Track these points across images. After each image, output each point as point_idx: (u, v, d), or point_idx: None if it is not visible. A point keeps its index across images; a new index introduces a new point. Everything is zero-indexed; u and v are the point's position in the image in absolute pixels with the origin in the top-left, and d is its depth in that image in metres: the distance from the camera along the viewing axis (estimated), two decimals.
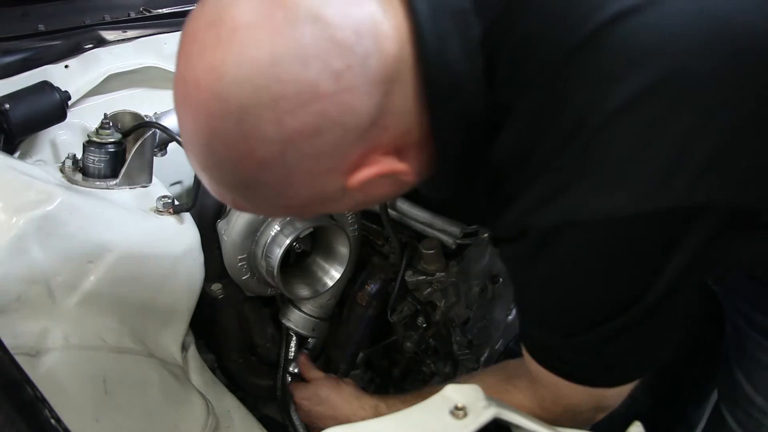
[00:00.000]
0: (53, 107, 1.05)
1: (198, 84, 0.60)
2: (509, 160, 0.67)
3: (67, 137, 1.18)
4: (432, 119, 0.66)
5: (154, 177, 1.06)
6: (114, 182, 1.01)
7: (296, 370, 1.19)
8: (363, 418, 1.03)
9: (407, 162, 0.68)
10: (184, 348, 1.07)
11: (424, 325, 1.29)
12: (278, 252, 1.05)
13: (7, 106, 1.00)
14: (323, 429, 1.11)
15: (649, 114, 0.60)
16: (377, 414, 1.02)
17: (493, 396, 0.87)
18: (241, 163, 0.64)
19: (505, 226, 0.68)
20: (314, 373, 1.18)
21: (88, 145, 1.00)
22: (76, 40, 1.23)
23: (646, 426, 0.63)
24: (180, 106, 0.65)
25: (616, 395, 0.80)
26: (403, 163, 0.67)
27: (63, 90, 1.07)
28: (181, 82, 0.63)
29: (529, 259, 0.68)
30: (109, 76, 1.23)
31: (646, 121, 0.60)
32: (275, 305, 1.29)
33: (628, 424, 0.63)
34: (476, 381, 0.93)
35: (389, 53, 0.61)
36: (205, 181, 0.70)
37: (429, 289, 1.24)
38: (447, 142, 0.68)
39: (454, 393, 0.58)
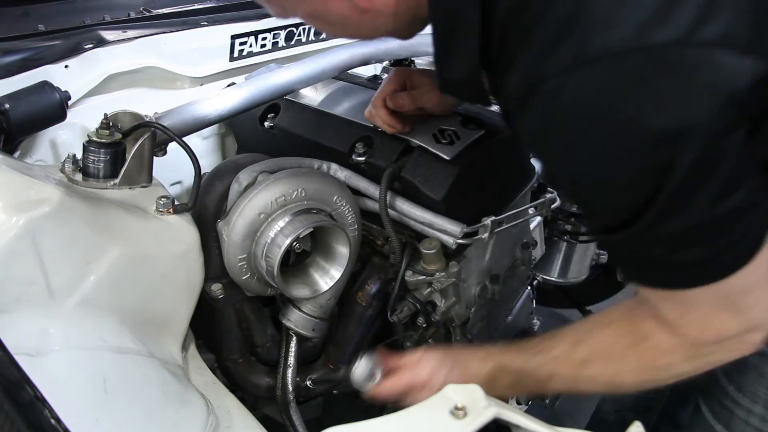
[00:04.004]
0: (53, 107, 1.05)
1: None
2: (508, 17, 0.67)
3: (67, 137, 1.19)
4: None
5: (154, 177, 1.06)
6: (114, 182, 1.00)
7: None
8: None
9: None
10: (184, 348, 1.07)
11: (424, 325, 1.28)
12: (278, 252, 1.05)
13: (7, 106, 1.00)
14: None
15: None
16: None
17: (631, 355, 0.79)
18: None
19: (514, 86, 0.67)
20: (397, 360, 1.06)
21: (88, 145, 1.00)
22: (76, 40, 1.23)
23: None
24: None
25: (743, 285, 0.71)
26: None
27: (63, 90, 1.07)
28: None
29: (550, 124, 0.66)
30: (109, 76, 1.24)
31: None
32: (275, 305, 1.29)
33: (627, 424, 0.62)
34: (590, 337, 0.85)
35: None
36: None
37: (429, 289, 1.24)
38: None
39: (454, 393, 0.58)
